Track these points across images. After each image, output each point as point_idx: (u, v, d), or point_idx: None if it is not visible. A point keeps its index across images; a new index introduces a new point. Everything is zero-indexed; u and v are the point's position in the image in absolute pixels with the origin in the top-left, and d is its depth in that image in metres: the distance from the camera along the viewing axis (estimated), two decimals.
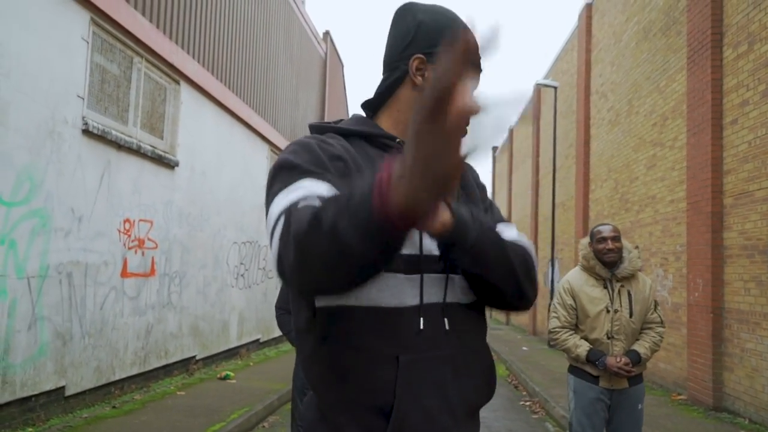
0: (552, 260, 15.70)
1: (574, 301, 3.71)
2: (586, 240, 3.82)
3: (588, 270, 3.72)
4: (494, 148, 32.84)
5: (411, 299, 1.25)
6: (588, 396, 3.63)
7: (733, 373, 7.12)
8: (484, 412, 7.18)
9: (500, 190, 29.97)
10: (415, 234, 1.27)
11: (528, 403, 7.90)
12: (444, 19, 1.42)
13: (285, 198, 1.15)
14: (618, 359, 3.53)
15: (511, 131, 26.69)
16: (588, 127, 13.65)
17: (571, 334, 3.71)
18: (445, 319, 1.29)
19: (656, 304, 3.72)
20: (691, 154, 8.17)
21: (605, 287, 3.65)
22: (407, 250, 1.25)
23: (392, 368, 1.21)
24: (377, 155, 1.36)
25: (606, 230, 3.66)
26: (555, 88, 15.59)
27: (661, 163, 9.49)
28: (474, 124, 1.26)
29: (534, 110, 20.72)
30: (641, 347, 3.60)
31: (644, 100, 10.27)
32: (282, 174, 1.23)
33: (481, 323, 1.41)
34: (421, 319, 1.25)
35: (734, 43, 7.40)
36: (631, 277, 3.68)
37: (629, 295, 3.63)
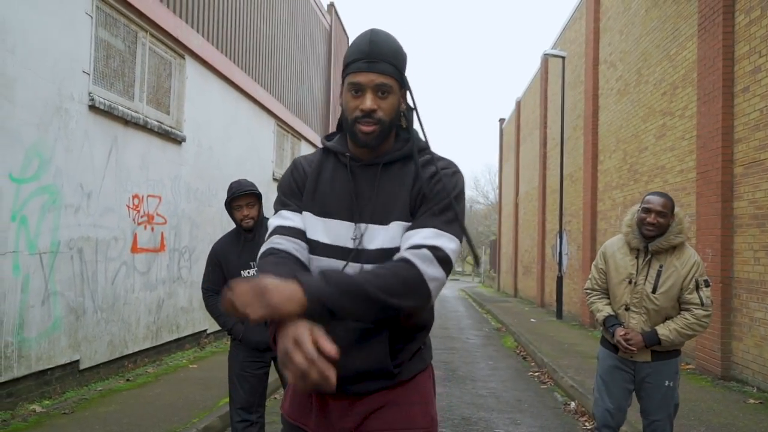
0: (560, 232, 15.69)
1: (606, 264, 3.61)
2: (636, 206, 3.57)
3: (626, 236, 3.55)
4: (501, 120, 32.59)
5: None
6: (606, 363, 3.58)
7: (742, 342, 7.14)
8: (493, 383, 7.26)
9: (507, 163, 29.83)
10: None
11: (537, 374, 7.95)
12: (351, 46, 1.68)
13: (272, 221, 1.77)
14: (625, 332, 3.38)
15: (518, 103, 26.45)
16: (596, 97, 13.51)
17: (599, 297, 3.65)
18: None
19: (701, 283, 3.35)
20: (702, 123, 8.08)
21: (636, 257, 3.46)
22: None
23: None
24: (338, 168, 1.74)
25: (654, 202, 3.35)
26: (563, 58, 15.40)
27: (670, 133, 9.40)
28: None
29: (542, 81, 20.50)
30: (664, 328, 3.35)
31: (654, 68, 10.13)
32: (276, 199, 1.82)
33: None
34: None
35: (746, 8, 7.27)
36: (668, 251, 3.40)
37: (659, 269, 3.39)
